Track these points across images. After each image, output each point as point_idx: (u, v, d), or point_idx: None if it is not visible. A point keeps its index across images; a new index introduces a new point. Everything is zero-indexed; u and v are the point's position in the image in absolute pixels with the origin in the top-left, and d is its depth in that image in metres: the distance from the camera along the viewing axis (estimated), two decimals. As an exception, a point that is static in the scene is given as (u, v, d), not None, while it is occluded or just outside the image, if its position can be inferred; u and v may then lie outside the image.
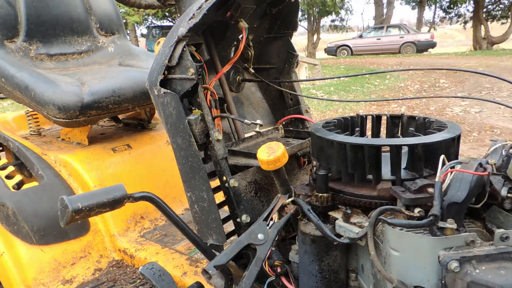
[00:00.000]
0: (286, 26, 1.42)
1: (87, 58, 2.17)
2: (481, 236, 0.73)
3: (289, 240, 1.08)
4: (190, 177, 1.14)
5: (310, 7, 22.52)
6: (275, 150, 0.91)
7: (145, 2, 2.04)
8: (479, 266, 0.64)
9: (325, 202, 0.89)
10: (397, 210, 0.77)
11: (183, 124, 1.09)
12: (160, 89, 1.10)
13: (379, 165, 0.85)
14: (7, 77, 1.78)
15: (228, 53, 1.42)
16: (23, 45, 1.94)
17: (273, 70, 1.50)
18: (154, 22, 24.74)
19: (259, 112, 1.51)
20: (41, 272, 1.54)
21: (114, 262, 1.68)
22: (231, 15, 1.20)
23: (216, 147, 1.10)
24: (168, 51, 1.08)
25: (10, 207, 1.58)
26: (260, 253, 0.90)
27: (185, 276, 1.42)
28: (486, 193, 0.76)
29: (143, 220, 1.81)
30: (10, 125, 2.14)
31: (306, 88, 9.04)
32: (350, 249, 0.92)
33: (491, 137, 4.84)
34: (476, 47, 20.40)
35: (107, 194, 0.96)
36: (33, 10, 1.96)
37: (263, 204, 1.19)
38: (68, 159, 1.78)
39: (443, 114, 6.22)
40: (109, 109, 1.75)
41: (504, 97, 7.20)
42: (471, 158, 0.79)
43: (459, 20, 26.08)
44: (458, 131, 0.89)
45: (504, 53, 15.45)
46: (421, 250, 0.70)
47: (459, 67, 10.91)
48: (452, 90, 8.32)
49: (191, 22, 1.04)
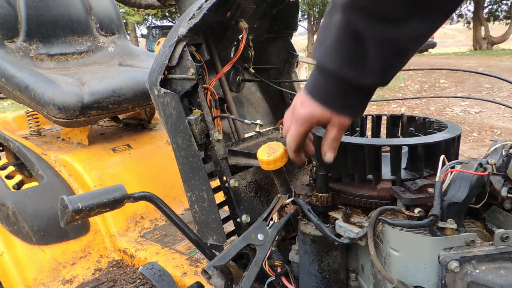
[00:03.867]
0: (286, 26, 1.42)
1: (87, 58, 2.17)
2: (481, 236, 0.74)
3: (289, 240, 1.07)
4: (190, 177, 1.14)
5: (310, 7, 22.53)
6: (275, 150, 0.91)
7: (145, 2, 2.04)
8: (479, 266, 0.64)
9: (325, 202, 0.89)
10: (397, 210, 0.77)
11: (183, 124, 1.09)
12: (160, 89, 1.10)
13: (379, 165, 0.85)
14: (7, 77, 1.78)
15: (228, 53, 1.42)
16: (23, 45, 1.94)
17: (273, 70, 1.50)
18: (154, 22, 24.75)
19: (259, 112, 1.52)
20: (41, 272, 1.54)
21: (114, 262, 1.68)
22: (231, 15, 1.20)
23: (216, 147, 1.10)
24: (168, 51, 1.08)
25: (10, 207, 1.58)
26: (260, 253, 0.90)
27: (185, 276, 1.42)
28: (486, 193, 0.76)
29: (143, 220, 1.81)
30: (10, 125, 2.14)
31: (306, 88, 9.03)
32: (350, 249, 0.92)
33: (491, 137, 4.84)
34: (476, 47, 20.40)
35: (107, 194, 0.96)
36: (33, 10, 1.96)
37: (263, 204, 1.19)
38: (68, 159, 1.78)
39: (443, 114, 6.23)
40: (109, 109, 1.75)
41: (504, 97, 7.20)
42: (471, 158, 0.79)
43: (460, 20, 26.07)
44: (458, 131, 0.89)
45: (504, 53, 15.45)
46: (421, 250, 0.70)
47: (459, 67, 10.91)
48: (452, 90, 8.33)
49: (191, 22, 1.04)
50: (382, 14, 0.62)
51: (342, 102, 0.74)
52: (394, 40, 0.65)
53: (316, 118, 0.76)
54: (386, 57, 0.67)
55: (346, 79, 0.70)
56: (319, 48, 0.72)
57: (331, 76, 0.71)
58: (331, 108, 0.74)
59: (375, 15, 0.63)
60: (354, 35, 0.66)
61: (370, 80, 0.71)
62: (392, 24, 0.63)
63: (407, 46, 0.67)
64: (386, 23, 0.63)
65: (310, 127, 0.79)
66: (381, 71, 0.69)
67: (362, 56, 0.67)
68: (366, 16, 0.63)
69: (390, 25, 0.63)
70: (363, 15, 0.64)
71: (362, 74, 0.69)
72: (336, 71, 0.70)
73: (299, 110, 0.76)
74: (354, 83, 0.70)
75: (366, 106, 0.77)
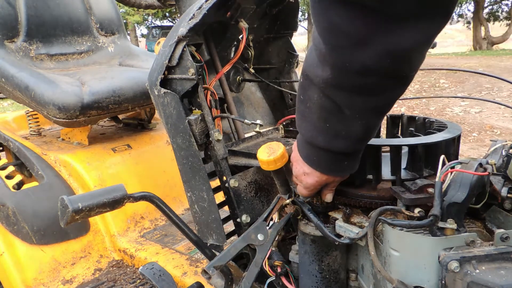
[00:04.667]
0: (286, 26, 1.42)
1: (87, 58, 2.17)
2: (481, 236, 0.73)
3: (289, 240, 1.07)
4: (190, 177, 1.14)
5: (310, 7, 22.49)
6: (275, 150, 0.91)
7: (145, 2, 2.04)
8: (479, 266, 0.64)
9: (325, 202, 0.89)
10: (397, 210, 0.77)
11: (183, 124, 1.09)
12: (160, 89, 1.10)
13: (379, 165, 0.86)
14: (7, 77, 1.78)
15: (228, 53, 1.42)
16: (23, 45, 1.94)
17: (273, 70, 1.50)
18: (154, 22, 24.75)
19: (259, 112, 1.52)
20: (41, 272, 1.54)
21: (114, 262, 1.68)
22: (231, 15, 1.20)
23: (216, 147, 1.10)
24: (169, 51, 1.08)
25: (10, 207, 1.58)
26: (260, 253, 0.90)
27: (185, 276, 1.42)
28: (486, 193, 0.76)
29: (143, 220, 1.81)
30: (10, 125, 2.14)
31: (306, 88, 9.03)
32: (350, 249, 0.92)
33: (491, 137, 4.84)
34: (476, 47, 20.39)
35: (107, 194, 0.96)
36: (33, 10, 1.96)
37: (263, 204, 1.19)
38: (68, 159, 1.78)
39: (443, 114, 6.23)
40: (109, 109, 1.75)
41: (504, 97, 7.20)
42: (471, 158, 0.79)
43: (460, 20, 26.07)
44: (458, 131, 0.89)
45: (504, 53, 15.45)
46: (421, 250, 0.70)
47: (459, 67, 10.91)
48: (452, 90, 8.32)
49: (192, 22, 1.04)
50: (361, 87, 0.65)
51: (339, 167, 0.80)
52: (374, 108, 0.69)
53: (321, 184, 0.84)
54: (368, 122, 0.71)
55: (337, 151, 0.75)
56: (303, 122, 0.78)
57: (323, 150, 0.76)
58: (332, 174, 0.81)
59: (354, 89, 0.66)
60: (336, 111, 0.69)
61: (358, 145, 0.76)
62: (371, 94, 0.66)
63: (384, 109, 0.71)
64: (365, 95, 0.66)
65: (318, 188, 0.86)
66: (365, 134, 0.74)
67: (347, 127, 0.71)
68: (346, 92, 0.67)
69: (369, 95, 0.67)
70: (343, 91, 0.67)
71: (350, 143, 0.74)
72: (327, 146, 0.75)
73: (306, 180, 0.84)
74: (345, 151, 0.76)
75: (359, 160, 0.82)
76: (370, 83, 0.64)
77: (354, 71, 0.63)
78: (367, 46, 0.60)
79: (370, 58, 0.60)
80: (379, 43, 0.59)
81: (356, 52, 0.61)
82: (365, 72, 0.62)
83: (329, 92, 0.68)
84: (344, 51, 0.62)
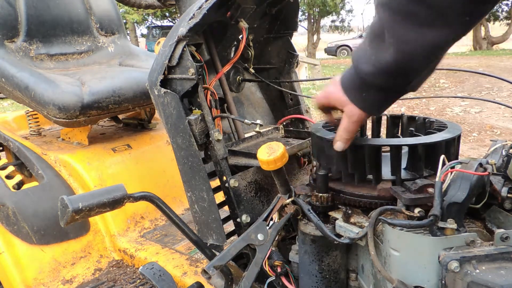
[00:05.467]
0: (286, 26, 1.42)
1: (87, 58, 2.17)
2: (481, 236, 0.73)
3: (289, 240, 1.07)
4: (190, 177, 1.14)
5: (310, 7, 22.53)
6: (275, 150, 0.91)
7: (145, 2, 2.04)
8: (479, 266, 0.64)
9: (325, 202, 0.89)
10: (397, 210, 0.77)
11: (183, 124, 1.09)
12: (160, 89, 1.10)
13: (379, 165, 0.85)
14: (7, 77, 1.78)
15: (228, 53, 1.42)
16: (23, 45, 1.94)
17: (273, 70, 1.50)
18: (154, 22, 24.75)
19: (259, 112, 1.52)
20: (41, 272, 1.54)
21: (114, 262, 1.68)
22: (231, 15, 1.20)
23: (216, 147, 1.10)
24: (169, 51, 1.08)
25: (10, 207, 1.58)
26: (260, 253, 0.90)
27: (185, 276, 1.42)
28: (486, 193, 0.76)
29: (143, 220, 1.81)
30: (10, 125, 2.14)
31: (306, 88, 9.04)
32: (350, 249, 0.92)
33: (491, 137, 4.84)
34: (476, 47, 20.39)
35: (107, 194, 0.96)
36: (33, 10, 1.96)
37: (263, 204, 1.19)
38: (68, 159, 1.78)
39: (443, 114, 6.23)
40: (109, 109, 1.75)
41: (504, 97, 7.20)
42: (471, 158, 0.79)
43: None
44: (458, 131, 0.89)
45: (504, 53, 15.45)
46: (421, 250, 0.70)
47: (459, 67, 10.91)
48: (452, 90, 8.32)
49: (192, 22, 1.04)
50: (407, 14, 0.64)
51: (356, 94, 0.78)
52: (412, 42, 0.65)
53: (334, 98, 0.82)
54: (401, 59, 0.68)
55: (361, 74, 0.74)
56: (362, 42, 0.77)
57: (353, 67, 0.76)
58: (347, 95, 0.79)
59: (399, 14, 0.64)
60: (378, 32, 0.69)
61: (381, 80, 0.73)
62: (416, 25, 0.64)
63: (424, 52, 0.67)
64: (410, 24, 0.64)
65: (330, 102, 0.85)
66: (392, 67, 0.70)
67: (381, 54, 0.69)
68: (392, 14, 0.66)
69: (412, 27, 0.64)
70: (388, 12, 0.66)
71: (375, 72, 0.71)
72: (355, 64, 0.74)
73: (329, 86, 0.84)
74: (367, 79, 0.74)
75: (382, 107, 0.79)
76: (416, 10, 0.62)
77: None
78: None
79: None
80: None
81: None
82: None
83: (378, 13, 0.68)
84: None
